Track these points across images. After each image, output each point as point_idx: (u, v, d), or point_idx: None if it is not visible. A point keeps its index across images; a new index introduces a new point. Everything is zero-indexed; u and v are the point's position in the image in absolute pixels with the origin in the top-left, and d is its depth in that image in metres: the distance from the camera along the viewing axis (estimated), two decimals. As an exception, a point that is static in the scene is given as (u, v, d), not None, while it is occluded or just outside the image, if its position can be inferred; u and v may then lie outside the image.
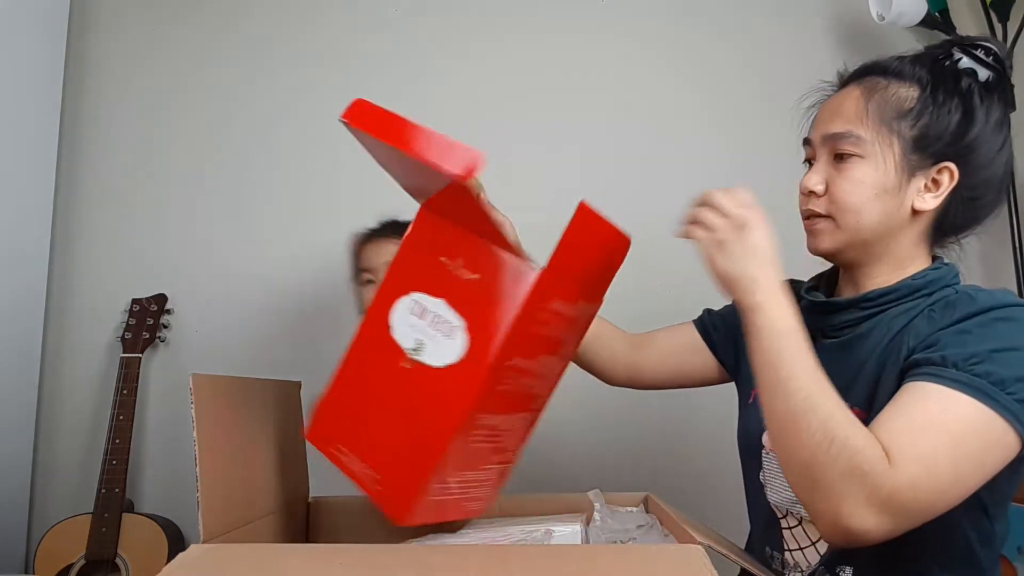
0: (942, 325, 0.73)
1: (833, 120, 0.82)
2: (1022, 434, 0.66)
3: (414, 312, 0.70)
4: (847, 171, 0.80)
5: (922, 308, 0.78)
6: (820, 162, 0.82)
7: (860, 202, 0.79)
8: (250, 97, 1.62)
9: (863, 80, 0.83)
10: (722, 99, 1.56)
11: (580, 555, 0.62)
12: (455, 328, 0.67)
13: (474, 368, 0.65)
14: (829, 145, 0.81)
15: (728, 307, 1.04)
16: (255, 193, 1.59)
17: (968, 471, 0.65)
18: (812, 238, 0.84)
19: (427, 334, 0.69)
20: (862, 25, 1.55)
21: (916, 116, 0.79)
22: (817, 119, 0.86)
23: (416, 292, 0.71)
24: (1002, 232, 1.47)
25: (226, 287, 1.55)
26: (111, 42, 1.64)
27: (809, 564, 0.81)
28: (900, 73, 0.81)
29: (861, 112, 0.80)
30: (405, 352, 0.70)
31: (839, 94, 0.84)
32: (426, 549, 0.62)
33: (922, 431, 0.65)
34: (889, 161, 0.79)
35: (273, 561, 0.60)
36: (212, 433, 0.73)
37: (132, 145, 1.60)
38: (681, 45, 1.61)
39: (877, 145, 0.79)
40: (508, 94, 1.61)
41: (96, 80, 1.63)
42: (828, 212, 0.81)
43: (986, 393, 0.65)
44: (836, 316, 0.85)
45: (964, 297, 0.75)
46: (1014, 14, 1.46)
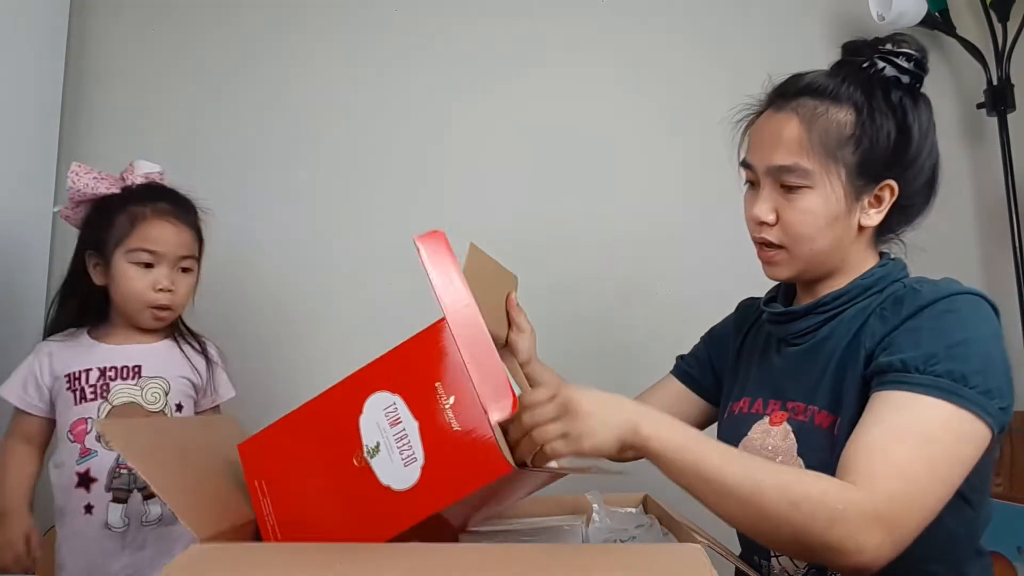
0: (894, 324, 0.75)
1: (775, 150, 0.81)
2: (990, 423, 0.69)
3: (388, 415, 0.69)
4: (796, 202, 0.81)
5: (874, 307, 0.80)
6: (766, 190, 0.83)
7: (812, 232, 0.81)
8: (250, 97, 1.62)
9: (798, 105, 0.81)
10: (721, 99, 1.55)
11: (580, 554, 0.62)
12: (415, 462, 0.67)
13: (416, 505, 0.66)
14: (774, 175, 0.82)
15: (697, 343, 1.08)
16: (255, 193, 1.59)
17: (946, 469, 0.68)
18: (769, 267, 0.86)
19: (389, 447, 0.68)
20: (862, 25, 1.55)
21: (856, 142, 0.80)
22: (756, 143, 0.85)
23: (401, 398, 0.69)
24: (1002, 232, 1.47)
25: (226, 287, 1.55)
26: (111, 40, 1.64)
27: (796, 568, 0.81)
28: (835, 96, 0.81)
29: (804, 143, 0.80)
30: (362, 447, 0.69)
31: (775, 119, 0.83)
32: (425, 548, 0.62)
33: (894, 441, 0.67)
34: (837, 189, 0.80)
35: (274, 560, 0.60)
36: (145, 456, 0.72)
37: (132, 145, 1.59)
38: (680, 45, 1.61)
39: (823, 175, 0.80)
40: (503, 92, 1.61)
41: (96, 80, 1.63)
42: (781, 242, 0.83)
43: (950, 391, 0.68)
44: (795, 324, 0.86)
45: (910, 292, 0.78)
46: (1014, 14, 1.46)
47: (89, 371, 1.09)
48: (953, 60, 1.57)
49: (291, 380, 1.50)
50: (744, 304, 1.05)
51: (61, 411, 1.09)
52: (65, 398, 1.08)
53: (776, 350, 0.91)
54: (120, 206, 1.09)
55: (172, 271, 1.10)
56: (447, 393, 0.67)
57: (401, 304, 1.57)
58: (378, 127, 1.61)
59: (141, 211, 1.09)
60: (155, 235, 1.08)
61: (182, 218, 1.12)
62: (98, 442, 1.07)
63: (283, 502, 0.72)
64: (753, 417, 0.88)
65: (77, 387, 1.08)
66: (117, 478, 1.06)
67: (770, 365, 0.90)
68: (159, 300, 1.09)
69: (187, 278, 1.13)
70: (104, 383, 1.08)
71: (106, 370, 1.09)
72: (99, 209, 1.10)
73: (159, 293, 1.09)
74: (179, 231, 1.11)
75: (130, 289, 1.08)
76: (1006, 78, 1.46)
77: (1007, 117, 1.46)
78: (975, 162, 1.55)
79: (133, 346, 1.12)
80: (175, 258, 1.10)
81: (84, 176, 1.09)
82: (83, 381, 1.08)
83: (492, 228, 1.55)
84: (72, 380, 1.08)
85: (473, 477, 0.65)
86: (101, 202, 1.10)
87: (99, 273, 1.11)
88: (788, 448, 0.80)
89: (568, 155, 1.59)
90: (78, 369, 1.08)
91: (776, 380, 0.88)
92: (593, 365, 1.46)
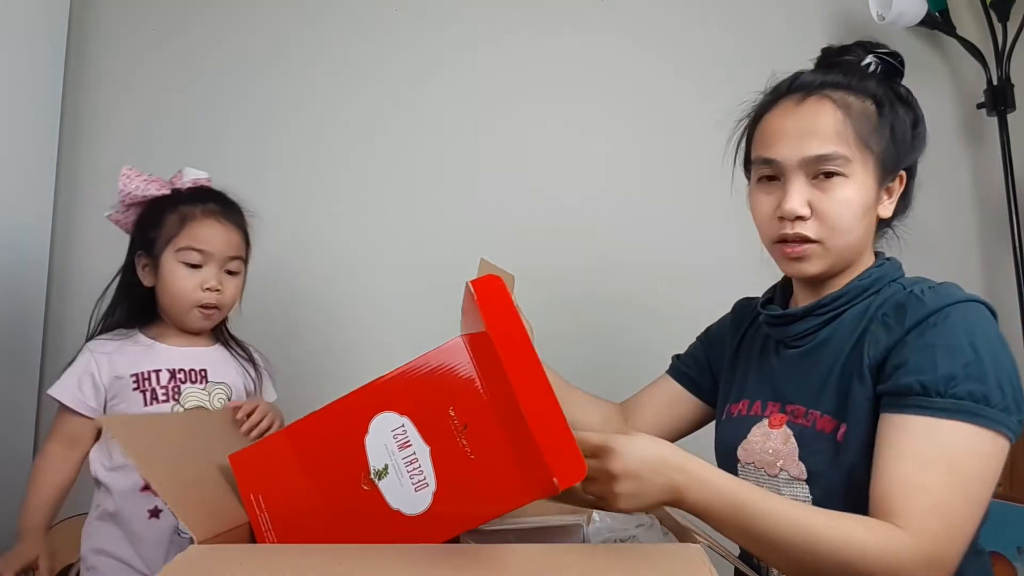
0: (900, 334, 0.74)
1: (810, 140, 0.79)
2: (1010, 436, 0.70)
3: (397, 438, 0.67)
4: (833, 192, 0.78)
5: (874, 310, 0.79)
6: (796, 183, 0.79)
7: (850, 223, 0.79)
8: (250, 97, 1.62)
9: (828, 94, 0.80)
10: (720, 100, 1.56)
11: (580, 554, 0.62)
12: (426, 487, 0.66)
13: (428, 531, 0.65)
14: (809, 166, 0.79)
15: (694, 343, 1.07)
16: (255, 193, 1.58)
17: (978, 492, 0.69)
18: (798, 263, 0.82)
19: (398, 470, 0.67)
20: (862, 25, 1.55)
21: (881, 131, 0.80)
22: (778, 137, 0.81)
23: (410, 421, 0.67)
24: (1002, 232, 1.47)
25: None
26: (112, 41, 1.64)
27: None
28: (859, 88, 0.81)
29: (842, 131, 0.78)
30: (369, 469, 0.67)
31: (803, 109, 0.81)
32: (426, 548, 0.62)
33: (928, 475, 0.68)
34: (868, 179, 0.79)
35: (274, 561, 0.60)
36: (147, 452, 0.71)
37: (132, 145, 1.60)
38: (679, 45, 1.61)
39: (860, 164, 0.79)
40: (501, 94, 1.61)
41: (97, 79, 1.63)
42: (819, 236, 0.80)
43: (974, 413, 0.69)
44: (794, 327, 0.85)
45: (912, 299, 0.76)
46: (1014, 14, 1.46)
47: (159, 372, 1.08)
48: (953, 60, 1.57)
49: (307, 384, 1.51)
50: (740, 304, 1.04)
51: (124, 412, 1.06)
52: (132, 399, 1.06)
53: (775, 352, 0.90)
54: (171, 206, 1.10)
55: (220, 271, 1.11)
56: (461, 418, 0.65)
57: (404, 315, 1.57)
58: (381, 131, 1.61)
59: (191, 211, 1.10)
60: (204, 234, 1.09)
61: (231, 219, 1.13)
62: None
63: (284, 519, 0.70)
64: (752, 419, 0.87)
65: (147, 387, 1.07)
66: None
67: (769, 367, 0.89)
68: (207, 299, 1.09)
69: (234, 280, 1.13)
70: (175, 385, 1.08)
71: (175, 372, 1.09)
72: (150, 210, 1.12)
73: (207, 292, 1.09)
74: (228, 232, 1.12)
75: (178, 288, 1.08)
76: (1006, 78, 1.46)
77: (1007, 117, 1.45)
78: (975, 162, 1.55)
79: (195, 349, 1.13)
80: (223, 259, 1.11)
81: (135, 179, 1.10)
82: (154, 382, 1.07)
83: (492, 228, 1.56)
84: (141, 380, 1.07)
85: (490, 506, 0.64)
86: (152, 203, 1.12)
87: (148, 274, 1.11)
88: (789, 452, 0.80)
89: (568, 154, 1.59)
90: (147, 369, 1.08)
91: (775, 382, 0.87)
92: (592, 366, 1.46)
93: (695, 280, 1.52)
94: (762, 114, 0.86)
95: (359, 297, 1.57)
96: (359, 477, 0.68)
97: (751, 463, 0.84)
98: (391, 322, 1.55)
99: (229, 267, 1.12)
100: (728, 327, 1.03)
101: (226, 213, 1.13)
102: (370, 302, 1.57)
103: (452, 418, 0.66)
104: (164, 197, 1.11)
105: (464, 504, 0.65)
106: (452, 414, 0.66)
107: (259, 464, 0.73)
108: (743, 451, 0.86)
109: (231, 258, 1.12)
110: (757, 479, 0.83)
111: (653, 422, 1.03)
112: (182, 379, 1.09)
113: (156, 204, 1.11)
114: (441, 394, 0.66)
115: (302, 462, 0.71)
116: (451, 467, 0.65)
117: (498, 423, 0.64)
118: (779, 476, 0.80)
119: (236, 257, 1.13)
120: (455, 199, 1.59)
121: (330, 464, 0.69)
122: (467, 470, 0.65)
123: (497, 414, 0.65)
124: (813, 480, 0.78)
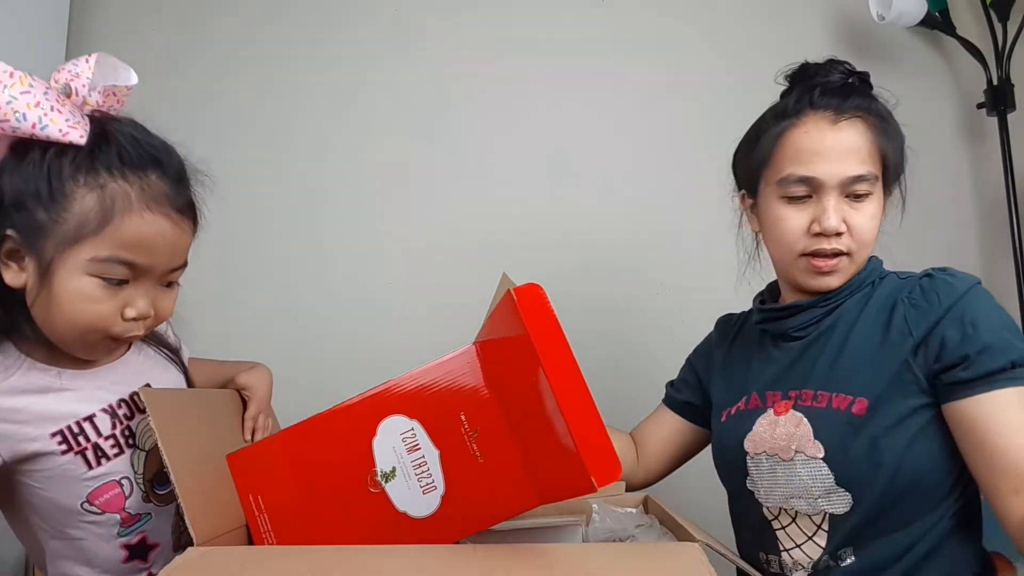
0: (939, 314, 0.79)
1: (848, 161, 0.83)
2: None
3: (406, 440, 0.68)
4: (864, 209, 0.84)
5: (884, 299, 0.84)
6: (833, 200, 0.83)
7: (873, 236, 0.85)
8: (249, 96, 1.62)
9: (859, 115, 0.84)
10: (720, 100, 1.56)
11: (580, 554, 0.62)
12: (435, 490, 0.67)
13: (436, 533, 0.66)
14: (847, 187, 0.83)
15: (683, 366, 1.10)
16: (255, 193, 1.59)
17: None
18: (828, 277, 0.86)
19: (406, 473, 0.67)
20: (862, 25, 1.55)
21: (890, 147, 0.85)
22: (814, 156, 0.83)
23: (420, 424, 0.68)
24: (1002, 232, 1.47)
25: (226, 287, 1.55)
26: (112, 42, 1.64)
27: (810, 559, 0.82)
28: (875, 109, 0.85)
29: (873, 151, 0.84)
30: (376, 471, 0.68)
31: (839, 130, 0.83)
32: (424, 550, 0.62)
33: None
34: (881, 192, 0.86)
35: (272, 563, 0.60)
36: (175, 442, 0.68)
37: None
38: (679, 45, 1.61)
39: (878, 180, 0.85)
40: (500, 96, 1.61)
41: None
42: (850, 250, 0.85)
43: None
44: (797, 319, 0.89)
45: (940, 283, 0.81)
46: (1014, 14, 1.46)
47: (92, 418, 0.71)
48: (953, 60, 1.57)
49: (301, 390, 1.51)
50: (723, 319, 1.09)
51: (52, 487, 0.70)
52: (61, 467, 0.69)
53: (773, 346, 0.92)
54: (82, 171, 0.65)
55: (155, 287, 0.71)
56: (472, 424, 0.66)
57: (408, 321, 1.57)
58: (378, 125, 1.61)
59: (122, 191, 0.66)
60: (143, 237, 0.67)
61: (183, 206, 0.71)
62: (148, 503, 0.74)
63: (283, 521, 0.70)
64: (755, 412, 0.88)
65: (84, 446, 0.70)
66: (185, 532, 0.66)
67: (767, 361, 0.92)
68: (129, 331, 0.70)
69: (171, 293, 0.74)
70: (124, 427, 0.73)
71: (115, 408, 0.73)
72: (36, 167, 0.64)
73: (130, 322, 0.69)
74: (178, 231, 0.70)
75: (86, 313, 0.67)
76: (1006, 78, 1.46)
77: (1007, 117, 1.45)
78: (975, 162, 1.55)
79: (118, 362, 0.76)
80: (163, 272, 0.71)
81: (11, 87, 0.62)
82: (91, 435, 0.71)
83: (492, 227, 1.56)
84: (70, 439, 0.69)
85: (499, 510, 0.65)
86: (40, 151, 0.64)
87: (18, 269, 0.67)
88: (803, 434, 0.82)
89: (570, 154, 1.59)
90: (74, 420, 0.70)
91: (776, 373, 0.90)
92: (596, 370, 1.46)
93: (695, 280, 1.52)
94: (786, 128, 0.86)
95: (365, 300, 1.57)
96: (364, 479, 0.68)
97: (762, 452, 0.86)
98: (394, 327, 1.55)
99: (169, 278, 0.73)
100: (714, 341, 1.06)
101: (177, 195, 0.70)
102: (376, 306, 1.56)
103: (463, 423, 0.67)
104: (68, 150, 0.64)
105: (472, 507, 0.65)
106: (463, 419, 0.67)
107: (258, 465, 0.73)
108: (750, 442, 0.87)
109: (174, 269, 0.72)
110: (771, 466, 0.84)
111: (660, 452, 1.06)
112: (127, 414, 0.73)
113: (53, 156, 0.64)
114: (453, 400, 0.67)
115: (304, 463, 0.71)
116: (460, 471, 0.66)
117: (509, 430, 0.65)
118: (795, 459, 0.82)
119: (180, 267, 0.73)
120: (470, 204, 1.58)
121: (334, 466, 0.69)
122: (476, 474, 0.66)
123: (509, 421, 0.66)
124: (831, 458, 0.80)
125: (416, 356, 0.83)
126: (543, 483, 0.64)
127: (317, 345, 1.55)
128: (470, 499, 0.65)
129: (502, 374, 0.67)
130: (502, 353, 0.66)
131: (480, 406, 0.67)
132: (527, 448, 0.65)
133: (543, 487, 0.64)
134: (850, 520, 0.79)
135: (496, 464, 0.65)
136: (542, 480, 0.64)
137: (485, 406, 0.66)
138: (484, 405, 0.66)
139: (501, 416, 0.66)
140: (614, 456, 0.56)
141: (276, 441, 0.73)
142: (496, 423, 0.66)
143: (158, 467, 0.74)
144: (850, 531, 0.80)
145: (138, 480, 0.73)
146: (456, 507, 0.66)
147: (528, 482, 0.64)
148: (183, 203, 0.71)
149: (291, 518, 0.70)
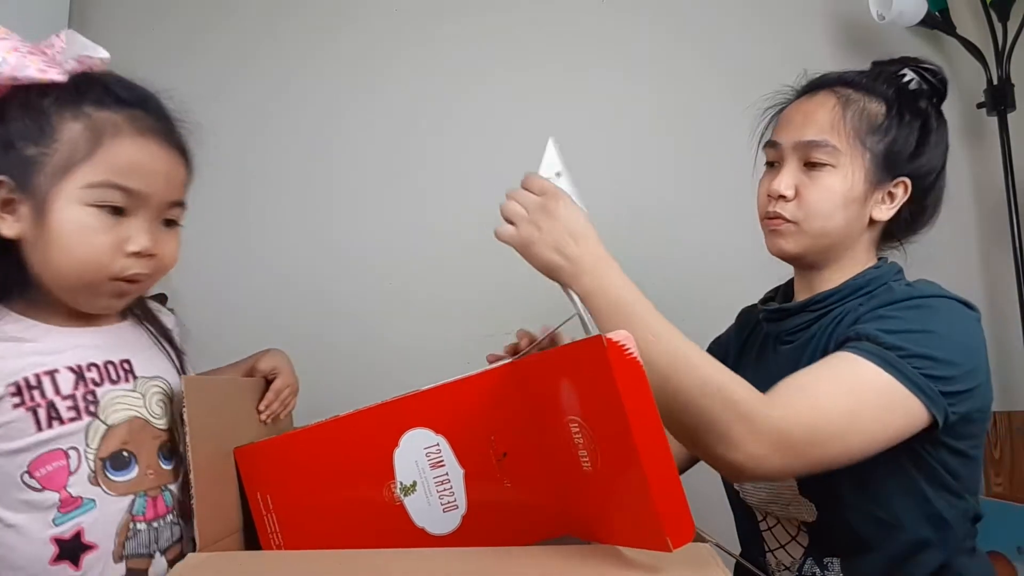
0: (861, 313, 0.78)
1: (807, 127, 0.84)
2: (927, 405, 0.70)
3: (430, 456, 0.65)
4: (819, 179, 0.83)
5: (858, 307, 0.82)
6: (790, 167, 0.85)
7: (829, 210, 0.83)
8: (248, 94, 1.62)
9: (836, 90, 0.85)
10: (721, 99, 1.56)
11: (579, 554, 0.61)
12: (456, 509, 0.65)
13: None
14: (802, 151, 0.84)
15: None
16: (255, 192, 1.59)
17: (866, 424, 0.69)
18: (775, 238, 0.86)
19: (427, 488, 0.65)
20: (862, 25, 1.55)
21: (884, 132, 0.84)
22: (785, 124, 0.88)
23: (446, 440, 0.66)
24: (1002, 232, 1.47)
25: (226, 287, 1.55)
26: (112, 42, 1.63)
27: (793, 559, 0.83)
28: (870, 89, 0.85)
29: (837, 123, 0.83)
30: (395, 483, 0.66)
31: (810, 100, 0.86)
32: (425, 550, 0.62)
33: (824, 385, 0.70)
34: (858, 173, 0.83)
35: (272, 569, 0.60)
36: (203, 437, 0.66)
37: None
38: (679, 44, 1.61)
39: (849, 157, 0.83)
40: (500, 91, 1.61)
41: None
42: (794, 218, 0.84)
43: (891, 363, 0.70)
44: (788, 321, 0.89)
45: (885, 289, 0.81)
46: (1014, 14, 1.46)
47: (55, 373, 0.65)
48: (953, 60, 1.57)
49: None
50: (744, 311, 1.07)
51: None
52: (9, 424, 0.63)
53: (772, 349, 0.93)
54: (66, 105, 0.66)
55: (155, 223, 0.69)
56: (500, 447, 0.65)
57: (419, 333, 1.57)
58: (379, 125, 1.61)
59: (111, 119, 0.66)
60: (136, 162, 0.66)
61: (174, 140, 0.71)
62: (96, 486, 0.65)
63: (293, 523, 0.68)
64: None
65: (37, 401, 0.64)
66: (132, 538, 0.64)
67: (767, 364, 0.92)
68: (133, 269, 0.67)
69: (174, 234, 0.73)
70: (88, 391, 0.66)
71: (82, 369, 0.67)
72: (24, 106, 0.66)
73: (131, 259, 0.67)
74: (172, 162, 0.70)
75: (86, 248, 0.64)
76: (1006, 78, 1.46)
77: (1007, 117, 1.46)
78: (975, 162, 1.55)
79: (102, 329, 0.71)
80: (162, 204, 0.69)
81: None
82: (48, 390, 0.65)
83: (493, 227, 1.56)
84: (24, 391, 0.64)
85: (521, 535, 0.63)
86: (26, 94, 0.66)
87: (14, 217, 0.66)
88: None
89: (571, 154, 1.59)
90: (33, 372, 0.64)
91: (771, 379, 0.88)
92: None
93: (695, 281, 1.53)
94: (783, 107, 0.92)
95: (366, 300, 1.57)
96: (383, 490, 0.66)
97: None
98: (395, 327, 1.55)
99: (168, 215, 0.71)
100: (733, 335, 1.05)
101: (169, 132, 0.71)
102: (377, 306, 1.56)
103: (492, 447, 0.64)
104: (53, 88, 0.67)
105: (493, 530, 0.64)
106: (492, 440, 0.65)
107: (270, 462, 0.70)
108: None
109: (172, 204, 0.71)
110: None
111: (679, 448, 1.06)
112: (96, 379, 0.68)
113: (36, 95, 0.66)
114: (484, 419, 0.65)
115: (320, 466, 0.68)
116: (484, 492, 0.65)
117: (539, 456, 0.63)
118: None
119: (179, 202, 0.72)
120: (471, 204, 1.58)
121: (352, 472, 0.67)
122: (501, 497, 0.64)
123: (540, 448, 0.63)
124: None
125: (417, 356, 0.83)
126: (588, 521, 0.61)
127: (317, 345, 1.55)
128: (492, 522, 0.64)
129: (547, 404, 0.62)
130: (551, 382, 0.60)
131: (514, 431, 0.64)
132: (567, 481, 0.61)
133: (587, 524, 0.61)
134: (823, 528, 0.79)
135: (523, 490, 0.63)
136: (587, 518, 0.61)
137: (519, 431, 0.64)
138: (518, 430, 0.64)
139: (533, 442, 0.63)
140: (690, 522, 0.51)
141: (291, 439, 0.71)
142: (528, 448, 0.63)
143: (117, 447, 0.66)
144: (829, 540, 0.79)
145: (88, 455, 0.65)
146: (476, 528, 0.64)
147: (556, 511, 0.62)
148: (175, 142, 0.71)
149: (302, 520, 0.68)
